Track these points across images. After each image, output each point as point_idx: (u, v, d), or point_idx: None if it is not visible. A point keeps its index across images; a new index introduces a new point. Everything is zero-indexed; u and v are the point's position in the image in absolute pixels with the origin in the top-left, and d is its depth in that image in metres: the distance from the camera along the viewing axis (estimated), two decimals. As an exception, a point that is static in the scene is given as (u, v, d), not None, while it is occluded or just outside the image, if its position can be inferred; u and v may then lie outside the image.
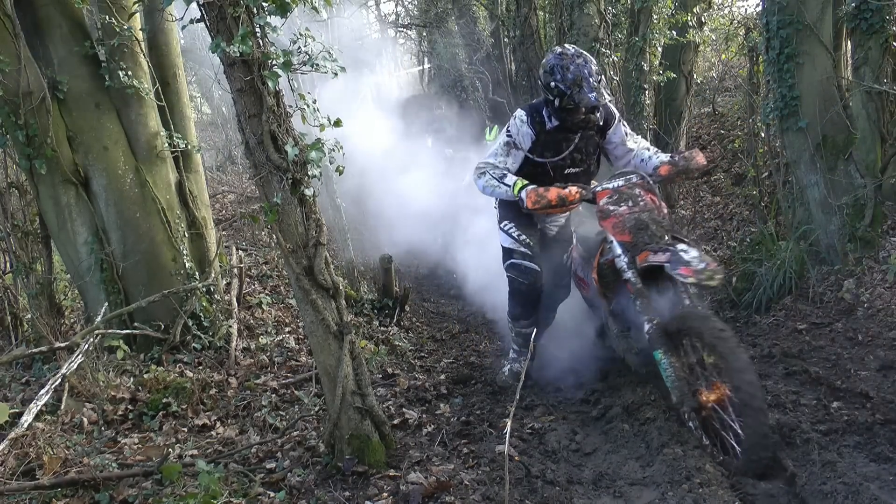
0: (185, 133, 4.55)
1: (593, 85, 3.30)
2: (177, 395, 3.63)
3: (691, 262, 2.87)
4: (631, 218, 3.18)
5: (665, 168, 3.44)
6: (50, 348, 3.70)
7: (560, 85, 3.34)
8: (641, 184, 3.35)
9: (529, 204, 3.29)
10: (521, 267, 3.76)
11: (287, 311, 5.19)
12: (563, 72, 3.33)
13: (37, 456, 2.94)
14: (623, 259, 3.16)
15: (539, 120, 3.52)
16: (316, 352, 2.86)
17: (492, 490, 2.65)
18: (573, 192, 3.31)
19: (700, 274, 2.82)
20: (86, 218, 4.08)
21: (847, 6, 4.72)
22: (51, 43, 3.91)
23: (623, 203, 3.25)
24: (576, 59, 3.34)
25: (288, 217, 2.61)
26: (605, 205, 3.29)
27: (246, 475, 2.85)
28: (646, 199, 3.24)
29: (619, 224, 3.20)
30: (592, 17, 7.77)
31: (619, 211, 3.23)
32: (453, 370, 4.45)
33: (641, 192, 3.29)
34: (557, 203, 3.29)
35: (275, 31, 2.37)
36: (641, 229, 3.12)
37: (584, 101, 3.31)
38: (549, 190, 3.29)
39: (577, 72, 3.30)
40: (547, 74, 3.40)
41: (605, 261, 3.38)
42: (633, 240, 3.13)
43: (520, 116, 3.54)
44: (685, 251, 2.93)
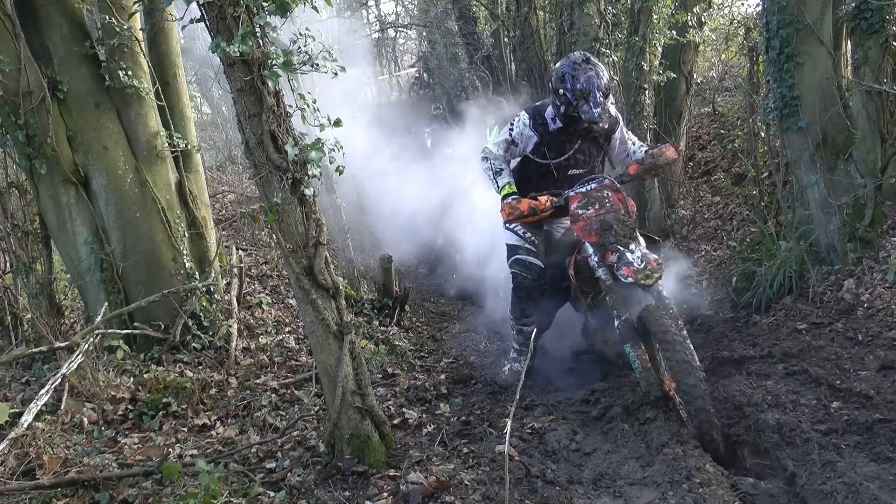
0: (185, 133, 4.55)
1: (598, 100, 3.41)
2: (177, 394, 3.63)
3: (633, 263, 3.15)
4: (597, 220, 3.37)
5: (633, 167, 3.63)
6: (50, 348, 3.70)
7: (567, 94, 3.46)
8: (610, 185, 3.52)
9: (504, 216, 3.53)
10: (525, 262, 3.88)
11: (287, 311, 5.19)
12: (572, 81, 3.43)
13: (37, 456, 2.94)
14: (594, 258, 3.40)
15: (542, 122, 3.64)
16: (316, 352, 2.86)
17: (492, 490, 2.65)
18: (543, 201, 3.51)
19: (638, 273, 3.11)
20: (86, 218, 4.08)
21: (847, 6, 4.72)
22: (51, 43, 3.91)
23: (591, 206, 3.44)
24: (587, 71, 3.42)
25: (288, 217, 2.61)
26: (576, 209, 3.49)
27: (246, 475, 2.85)
28: (612, 200, 3.43)
29: (586, 227, 3.41)
30: (592, 17, 7.77)
31: (586, 214, 3.43)
32: (453, 370, 4.45)
33: (609, 193, 3.46)
34: (529, 213, 3.48)
35: (275, 30, 2.37)
36: (606, 230, 3.32)
37: (587, 115, 3.44)
38: (520, 201, 3.50)
39: (585, 84, 3.40)
40: (557, 80, 3.50)
41: (581, 258, 3.59)
42: (599, 240, 3.34)
43: (523, 119, 3.66)
44: (631, 251, 3.21)
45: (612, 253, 3.25)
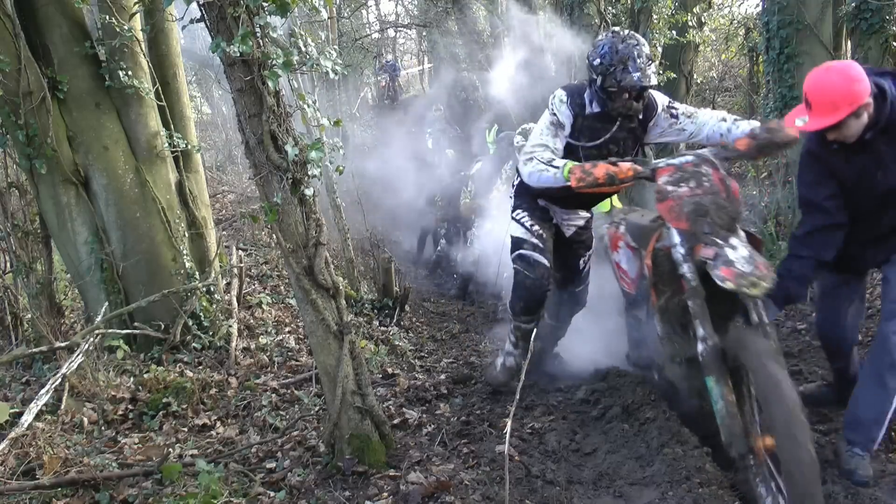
0: (185, 133, 4.55)
1: (639, 65, 3.02)
2: (177, 394, 3.63)
3: (735, 263, 2.42)
4: (690, 202, 2.64)
5: (743, 142, 2.88)
6: (50, 348, 3.70)
7: (604, 61, 3.08)
8: (710, 160, 2.79)
9: (574, 182, 2.85)
10: (529, 259, 3.50)
11: (287, 311, 5.19)
12: (610, 49, 3.07)
13: (37, 456, 2.94)
14: (680, 249, 2.67)
15: (579, 102, 3.25)
16: (316, 352, 2.86)
17: (492, 490, 2.66)
18: (625, 168, 2.81)
19: (741, 279, 2.38)
20: (86, 218, 4.08)
21: (847, 6, 4.73)
22: (51, 43, 3.91)
23: (684, 183, 2.71)
24: (627, 40, 3.09)
25: (288, 217, 2.61)
26: (665, 184, 2.75)
27: (246, 475, 2.85)
28: (712, 180, 2.70)
29: (676, 208, 2.67)
30: (592, 17, 7.78)
31: (678, 192, 2.69)
32: (453, 370, 4.45)
33: (709, 169, 2.73)
34: (606, 181, 2.80)
35: (275, 30, 2.37)
36: (701, 216, 2.60)
37: (627, 81, 3.02)
38: (596, 165, 2.82)
39: (625, 51, 3.04)
40: (594, 52, 3.17)
41: (661, 247, 2.88)
42: (690, 228, 2.62)
43: (559, 96, 3.26)
44: (734, 248, 2.48)
45: (707, 246, 2.54)
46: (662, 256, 2.84)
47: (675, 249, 2.69)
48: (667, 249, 2.79)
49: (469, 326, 5.89)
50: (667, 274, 2.82)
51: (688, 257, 2.64)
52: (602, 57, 3.09)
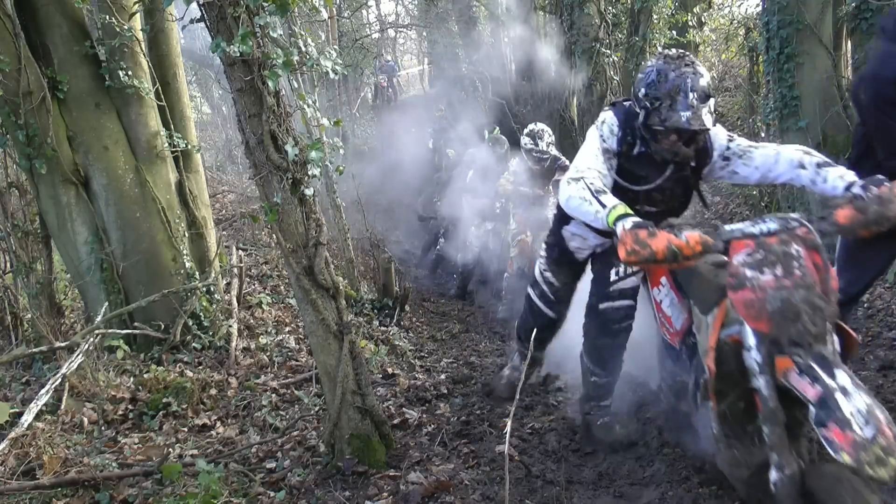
0: (185, 133, 4.55)
1: (691, 101, 2.43)
2: (177, 394, 3.63)
3: (850, 423, 1.76)
4: (776, 297, 1.99)
5: (845, 214, 2.17)
6: (50, 348, 3.70)
7: (649, 92, 2.52)
8: (804, 234, 2.09)
9: (623, 253, 2.19)
10: (535, 308, 3.42)
11: (287, 311, 5.19)
12: (658, 79, 2.51)
13: (37, 456, 2.94)
14: (755, 356, 2.06)
15: (630, 138, 2.68)
16: (316, 352, 2.86)
17: (492, 490, 2.66)
18: (693, 241, 2.12)
19: (862, 451, 1.71)
20: (86, 218, 4.08)
21: (847, 6, 4.73)
22: (51, 43, 3.91)
23: (768, 268, 2.04)
24: (681, 67, 2.49)
25: (288, 217, 2.61)
26: (741, 266, 2.08)
27: (246, 475, 2.85)
28: (805, 267, 2.03)
29: (756, 303, 2.02)
30: (592, 17, 7.79)
31: (759, 281, 2.03)
32: (453, 370, 4.45)
33: (800, 250, 2.06)
34: (666, 257, 2.14)
35: (275, 30, 2.37)
36: (790, 319, 1.96)
37: (673, 120, 2.45)
38: (654, 235, 2.14)
39: (677, 81, 2.46)
40: (640, 81, 2.59)
41: (727, 337, 2.23)
42: (773, 333, 2.00)
43: (611, 123, 2.70)
44: (845, 390, 1.82)
45: (798, 371, 1.93)
46: (729, 351, 2.21)
47: (748, 354, 2.09)
48: (734, 341, 2.19)
49: (469, 326, 5.90)
50: (733, 375, 2.20)
51: (765, 368, 2.03)
52: (648, 86, 2.53)
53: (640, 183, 2.74)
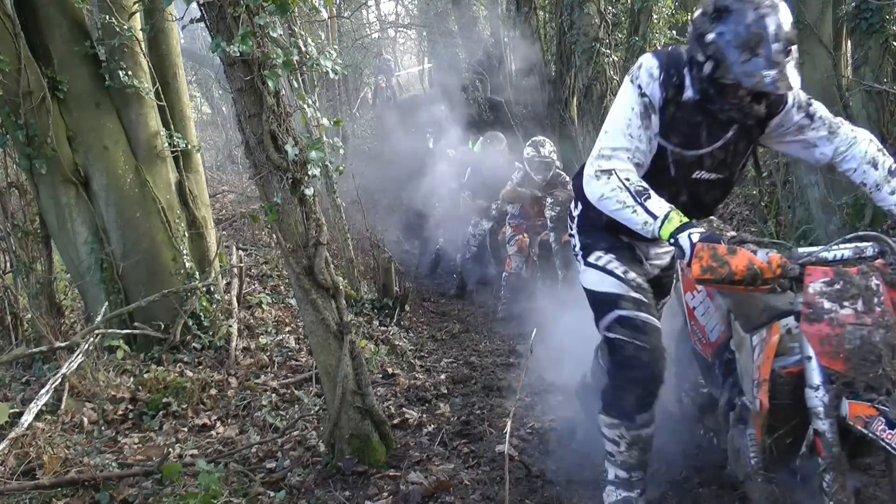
0: (185, 133, 4.55)
1: (774, 56, 1.86)
2: (177, 394, 3.63)
3: None
4: (856, 335, 1.81)
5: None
6: (50, 348, 3.70)
7: (721, 39, 1.92)
8: (883, 268, 1.91)
9: (698, 270, 1.88)
10: (635, 322, 2.23)
11: (287, 311, 5.19)
12: (734, 19, 1.91)
13: (37, 456, 2.94)
14: (822, 397, 1.85)
15: (676, 82, 2.10)
16: (316, 351, 2.86)
17: (492, 490, 2.66)
18: (775, 263, 1.87)
19: None
20: (86, 217, 4.08)
21: (847, 6, 4.72)
22: (51, 43, 3.91)
23: (849, 302, 1.85)
24: (761, 5, 1.90)
25: (288, 217, 2.61)
26: (817, 296, 1.88)
27: (246, 475, 2.85)
28: (885, 302, 1.85)
29: (834, 340, 1.83)
30: (592, 16, 7.78)
31: (839, 316, 1.84)
32: (453, 370, 4.45)
33: (880, 285, 1.86)
34: (745, 278, 1.85)
35: (275, 30, 2.38)
36: (868, 361, 1.79)
37: (754, 82, 1.89)
38: (736, 252, 1.86)
39: (757, 25, 1.88)
40: (706, 16, 1.99)
41: (782, 368, 2.01)
42: (851, 373, 1.81)
43: (649, 67, 2.12)
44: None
45: (886, 423, 1.70)
46: (785, 385, 1.99)
47: (812, 392, 1.87)
48: (790, 374, 1.99)
49: (469, 326, 5.90)
50: (787, 410, 1.99)
51: (832, 411, 1.84)
52: (718, 31, 1.93)
53: (695, 144, 2.17)
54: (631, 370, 2.22)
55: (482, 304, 6.79)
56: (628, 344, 2.21)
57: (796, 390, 1.94)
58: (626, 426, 2.28)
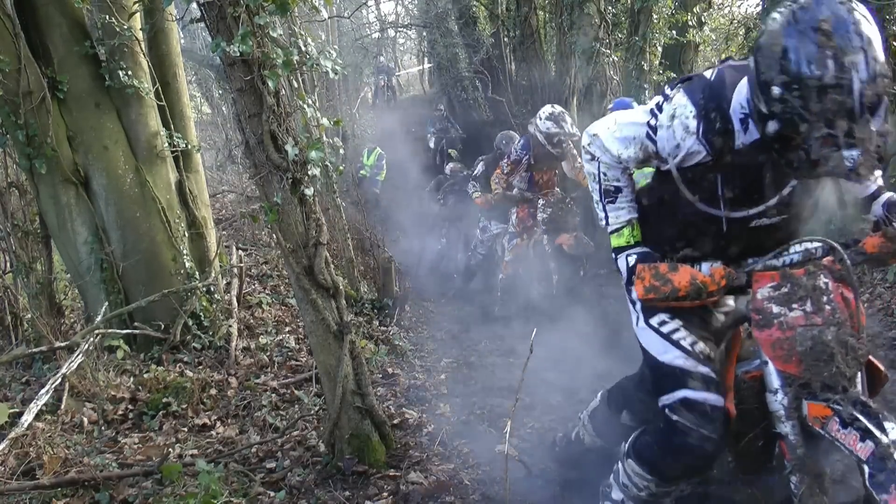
0: (185, 133, 4.55)
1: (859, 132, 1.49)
2: (177, 394, 3.63)
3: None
4: (806, 336, 1.79)
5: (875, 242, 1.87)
6: (50, 348, 3.70)
7: (790, 101, 1.53)
8: (831, 266, 1.88)
9: (641, 290, 1.90)
10: (703, 408, 1.93)
11: (287, 311, 5.19)
12: (808, 70, 1.49)
13: (37, 456, 2.94)
14: (781, 400, 1.86)
15: (721, 127, 1.76)
16: (316, 351, 2.86)
17: (492, 490, 2.66)
18: (718, 275, 1.88)
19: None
20: (86, 218, 4.08)
21: (847, 6, 4.71)
22: (51, 43, 3.90)
23: (797, 304, 1.83)
24: (848, 48, 1.47)
25: (288, 217, 2.61)
26: (765, 301, 1.87)
27: (246, 475, 2.85)
28: (835, 301, 1.81)
29: (785, 344, 1.82)
30: (592, 16, 7.78)
31: (787, 319, 1.82)
32: (453, 370, 4.45)
33: (828, 282, 1.84)
34: (689, 294, 1.86)
35: (275, 30, 2.38)
36: (823, 361, 1.76)
37: (832, 167, 1.53)
38: (676, 270, 1.86)
39: (838, 85, 1.47)
40: (772, 53, 1.56)
41: (744, 374, 2.04)
42: (805, 375, 1.79)
43: (683, 115, 1.80)
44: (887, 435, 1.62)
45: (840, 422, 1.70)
46: (747, 389, 2.00)
47: (773, 397, 1.88)
48: (753, 378, 2.00)
49: (469, 326, 5.89)
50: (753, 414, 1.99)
51: (792, 413, 1.83)
52: (791, 88, 1.53)
53: (756, 199, 1.84)
54: (689, 457, 1.98)
55: (482, 304, 6.79)
56: (693, 432, 1.94)
57: (760, 394, 1.93)
58: (658, 484, 2.11)
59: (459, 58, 12.80)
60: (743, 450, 2.06)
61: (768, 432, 1.97)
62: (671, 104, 1.84)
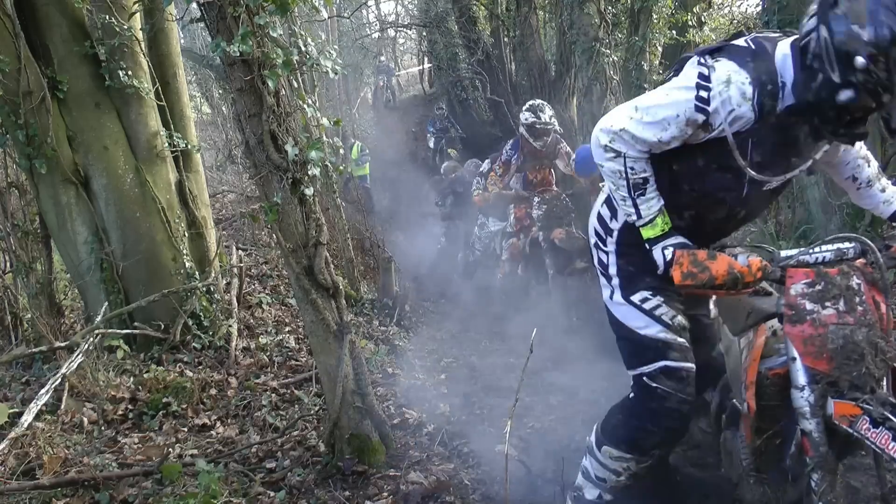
0: (185, 133, 4.55)
1: None
2: (177, 394, 3.63)
3: None
4: (839, 335, 1.82)
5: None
6: (50, 348, 3.71)
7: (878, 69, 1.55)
8: (864, 268, 1.89)
9: (678, 276, 1.88)
10: (681, 373, 2.10)
11: (287, 311, 5.19)
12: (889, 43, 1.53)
13: (37, 456, 2.94)
14: (807, 397, 1.85)
15: (770, 91, 1.78)
16: (316, 351, 2.86)
17: (492, 490, 2.66)
18: (755, 266, 1.86)
19: None
20: (86, 217, 4.09)
21: (847, 6, 4.72)
22: (51, 42, 3.91)
23: (830, 302, 1.85)
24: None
25: (288, 217, 2.61)
26: (798, 298, 1.88)
27: (246, 475, 2.85)
28: (866, 301, 1.84)
29: (817, 341, 1.84)
30: (592, 16, 7.78)
31: (821, 316, 1.84)
32: (453, 370, 4.45)
33: (861, 284, 1.85)
34: (726, 282, 1.86)
35: (275, 30, 2.38)
36: (852, 360, 1.80)
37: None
38: (715, 257, 1.86)
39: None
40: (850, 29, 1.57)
41: (768, 370, 2.03)
42: (834, 372, 1.81)
43: (738, 81, 1.78)
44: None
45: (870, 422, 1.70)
46: (772, 387, 2.00)
47: (798, 393, 1.87)
48: (776, 375, 2.00)
49: (469, 326, 5.89)
50: (774, 411, 2.01)
51: (817, 410, 1.84)
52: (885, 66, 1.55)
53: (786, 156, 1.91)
54: (669, 419, 2.12)
55: (482, 304, 6.78)
56: (673, 396, 2.08)
57: (783, 391, 1.94)
58: (637, 460, 2.19)
59: (459, 58, 12.81)
60: (759, 447, 2.08)
61: (786, 430, 2.00)
62: (720, 72, 1.80)
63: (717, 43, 1.87)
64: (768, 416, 2.01)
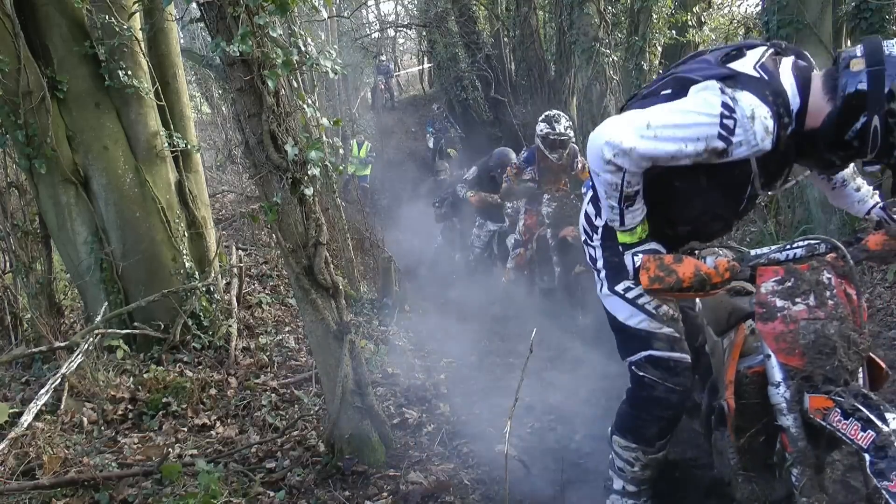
0: (184, 133, 4.55)
1: None
2: (177, 394, 3.63)
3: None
4: (810, 329, 1.84)
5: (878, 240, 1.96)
6: (50, 348, 3.71)
7: None
8: (834, 262, 1.93)
9: (646, 280, 1.91)
10: (668, 363, 2.18)
11: (287, 311, 5.19)
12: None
13: (37, 456, 2.94)
14: (783, 393, 1.89)
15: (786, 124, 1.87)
16: (316, 351, 2.86)
17: (492, 490, 2.66)
18: (722, 267, 1.89)
19: None
20: (85, 217, 4.09)
21: (847, 6, 4.73)
22: (50, 42, 3.91)
23: (800, 298, 1.88)
24: None
25: (288, 217, 2.61)
26: (769, 295, 1.92)
27: (246, 475, 2.85)
28: (837, 296, 1.87)
29: (788, 337, 1.87)
30: (592, 16, 7.79)
31: (791, 313, 1.87)
32: (453, 370, 4.45)
33: (832, 278, 1.89)
34: (693, 285, 1.87)
35: (274, 30, 2.38)
36: (826, 354, 1.82)
37: None
38: (682, 260, 1.88)
39: None
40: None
41: (747, 369, 2.07)
42: (808, 368, 1.84)
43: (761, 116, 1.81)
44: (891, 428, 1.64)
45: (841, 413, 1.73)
46: (751, 385, 2.03)
47: (775, 390, 1.91)
48: (756, 373, 2.02)
49: (469, 326, 5.89)
50: (754, 409, 2.03)
51: (794, 406, 1.86)
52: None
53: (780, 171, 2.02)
54: (659, 408, 2.20)
55: (482, 304, 6.78)
56: (659, 385, 2.17)
57: (762, 389, 1.97)
58: (644, 451, 2.27)
59: (459, 58, 12.80)
60: (744, 445, 2.09)
61: (769, 428, 2.01)
62: (745, 105, 1.82)
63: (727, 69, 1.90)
64: (749, 415, 2.04)
